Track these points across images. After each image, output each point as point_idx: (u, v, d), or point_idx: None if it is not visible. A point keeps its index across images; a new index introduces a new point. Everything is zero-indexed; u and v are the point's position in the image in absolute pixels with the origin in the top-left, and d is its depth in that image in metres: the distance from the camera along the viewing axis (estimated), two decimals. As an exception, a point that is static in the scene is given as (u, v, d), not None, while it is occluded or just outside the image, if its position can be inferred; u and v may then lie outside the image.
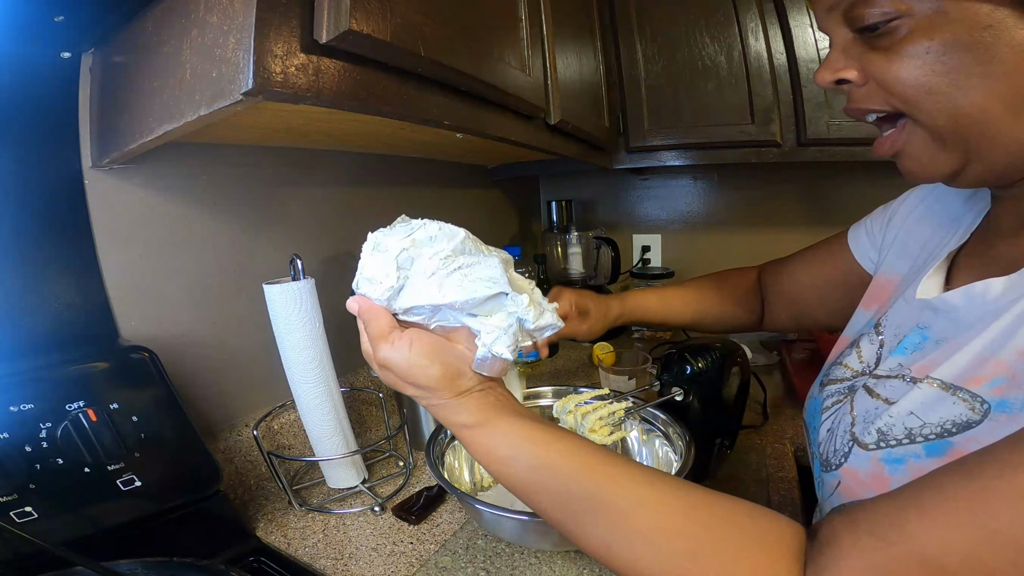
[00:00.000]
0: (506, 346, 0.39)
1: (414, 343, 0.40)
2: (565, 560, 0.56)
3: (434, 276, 0.39)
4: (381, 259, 0.40)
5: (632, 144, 1.13)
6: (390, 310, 0.41)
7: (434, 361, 0.40)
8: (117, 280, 0.60)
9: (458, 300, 0.38)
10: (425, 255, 0.39)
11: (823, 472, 0.44)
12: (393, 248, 0.39)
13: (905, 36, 0.32)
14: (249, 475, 0.71)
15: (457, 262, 0.39)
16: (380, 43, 0.41)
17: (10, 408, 0.46)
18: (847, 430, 0.41)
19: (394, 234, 0.40)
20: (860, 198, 1.34)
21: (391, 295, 0.40)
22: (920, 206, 0.51)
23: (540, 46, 0.73)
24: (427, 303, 0.39)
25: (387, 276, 0.39)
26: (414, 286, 0.39)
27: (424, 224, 0.41)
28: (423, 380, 0.40)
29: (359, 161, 0.92)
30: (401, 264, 0.39)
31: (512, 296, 0.39)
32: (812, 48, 0.99)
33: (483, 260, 0.40)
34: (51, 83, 0.54)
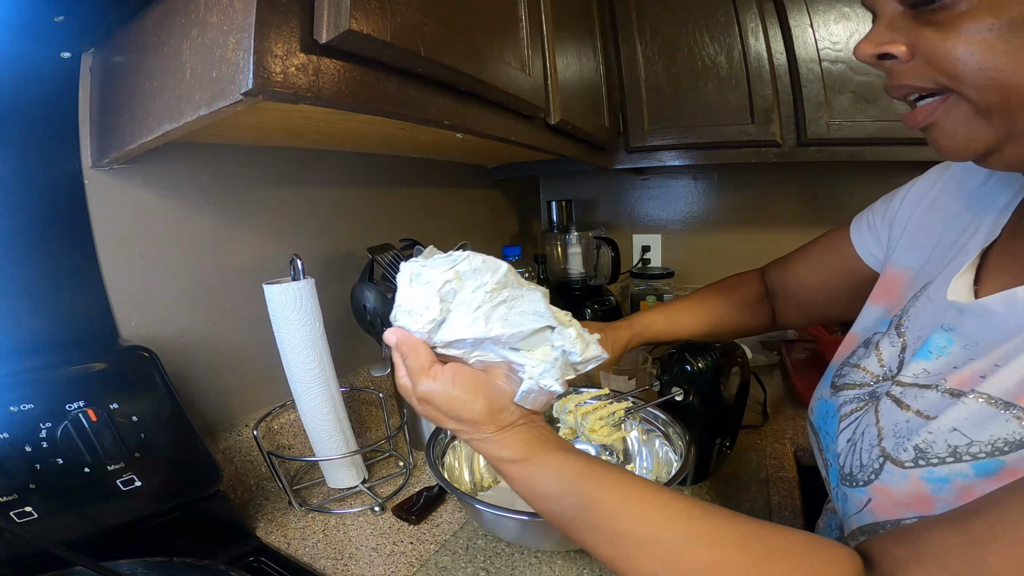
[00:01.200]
0: (555, 379, 0.39)
1: (456, 377, 0.39)
2: (565, 560, 0.56)
3: (479, 309, 0.39)
4: (423, 291, 0.39)
5: (632, 144, 1.13)
6: (429, 343, 0.41)
7: (477, 395, 0.39)
8: (117, 280, 0.60)
9: (504, 334, 0.39)
10: (468, 288, 0.39)
11: (845, 486, 0.42)
12: (436, 280, 0.39)
13: (966, 12, 0.31)
14: (249, 475, 0.71)
15: (501, 295, 0.39)
16: (380, 43, 0.41)
17: (10, 408, 0.46)
18: (874, 444, 0.39)
19: (435, 265, 0.40)
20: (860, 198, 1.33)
21: (432, 328, 0.39)
22: (927, 196, 0.49)
23: (540, 46, 0.73)
24: (471, 337, 0.39)
25: (428, 309, 0.39)
26: (457, 319, 0.39)
27: (468, 256, 0.40)
28: (466, 414, 0.39)
29: (359, 161, 0.92)
30: (444, 297, 0.39)
31: (559, 329, 0.40)
32: (812, 48, 0.99)
33: (526, 294, 0.40)
34: (51, 83, 0.54)
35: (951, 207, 0.46)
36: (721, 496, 0.67)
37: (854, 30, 0.98)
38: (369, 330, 0.77)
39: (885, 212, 0.54)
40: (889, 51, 0.35)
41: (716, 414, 0.66)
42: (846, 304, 0.60)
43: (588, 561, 0.56)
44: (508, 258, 1.17)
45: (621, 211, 1.58)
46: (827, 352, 1.04)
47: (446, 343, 0.40)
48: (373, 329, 0.76)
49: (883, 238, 0.54)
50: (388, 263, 0.79)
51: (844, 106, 0.99)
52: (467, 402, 0.39)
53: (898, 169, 1.27)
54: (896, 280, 0.49)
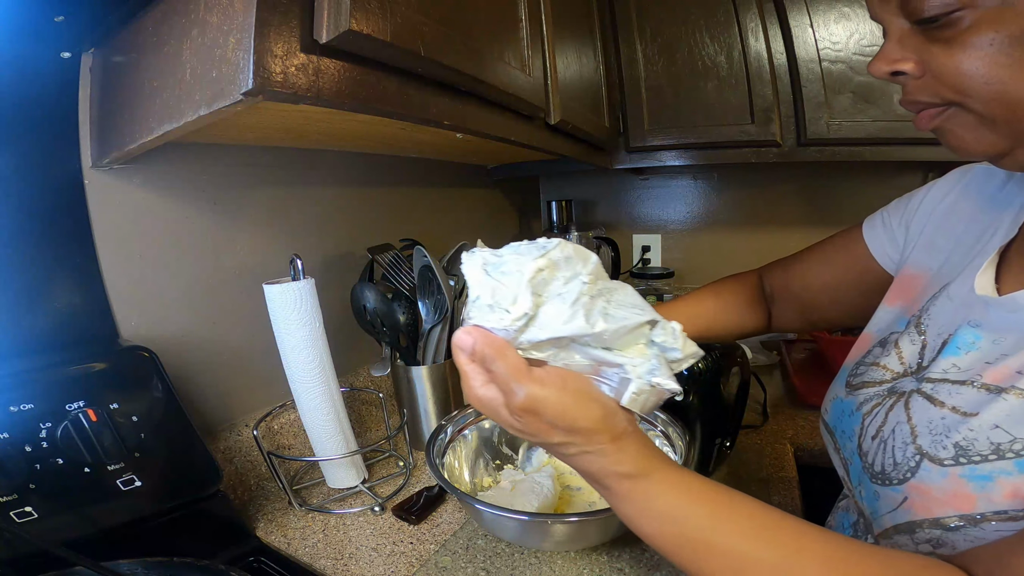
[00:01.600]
0: (668, 376, 0.34)
1: (567, 380, 0.35)
2: (565, 560, 0.56)
3: (578, 302, 0.34)
4: (508, 282, 0.34)
5: (632, 144, 1.13)
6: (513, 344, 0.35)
7: (592, 400, 0.35)
8: (117, 280, 0.60)
9: (608, 329, 0.34)
10: (561, 278, 0.35)
11: (877, 484, 0.41)
12: (526, 269, 0.34)
13: (968, 27, 0.32)
14: (249, 475, 0.71)
15: (598, 287, 0.35)
16: (380, 43, 0.41)
17: (10, 408, 0.46)
18: (908, 441, 0.39)
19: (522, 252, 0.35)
20: (860, 198, 1.34)
21: (520, 325, 0.34)
22: (946, 199, 0.49)
23: (540, 46, 0.73)
24: (570, 333, 0.33)
25: (518, 303, 0.33)
26: (550, 315, 0.34)
27: (559, 243, 0.35)
28: (582, 422, 0.34)
29: (359, 161, 0.92)
30: (536, 288, 0.34)
31: (662, 324, 0.36)
32: (812, 48, 0.99)
33: (618, 286, 0.36)
34: (51, 83, 0.54)
35: (970, 210, 0.46)
36: (721, 496, 0.67)
37: (854, 30, 0.98)
38: (369, 330, 0.77)
39: (903, 213, 0.53)
40: (900, 68, 0.36)
41: (716, 414, 0.66)
42: (849, 307, 0.60)
43: (588, 561, 0.56)
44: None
45: (621, 211, 1.58)
46: (827, 352, 1.04)
47: (534, 343, 0.34)
48: (373, 329, 0.77)
49: (899, 239, 0.53)
50: (388, 263, 0.79)
51: (844, 106, 0.99)
52: (584, 408, 0.34)
53: (898, 169, 1.28)
54: (913, 281, 0.49)
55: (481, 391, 0.36)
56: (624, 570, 0.55)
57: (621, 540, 0.59)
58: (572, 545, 0.57)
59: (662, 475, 0.35)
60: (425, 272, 0.76)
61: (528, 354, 0.35)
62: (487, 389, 0.36)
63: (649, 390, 0.35)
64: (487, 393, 0.36)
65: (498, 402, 0.35)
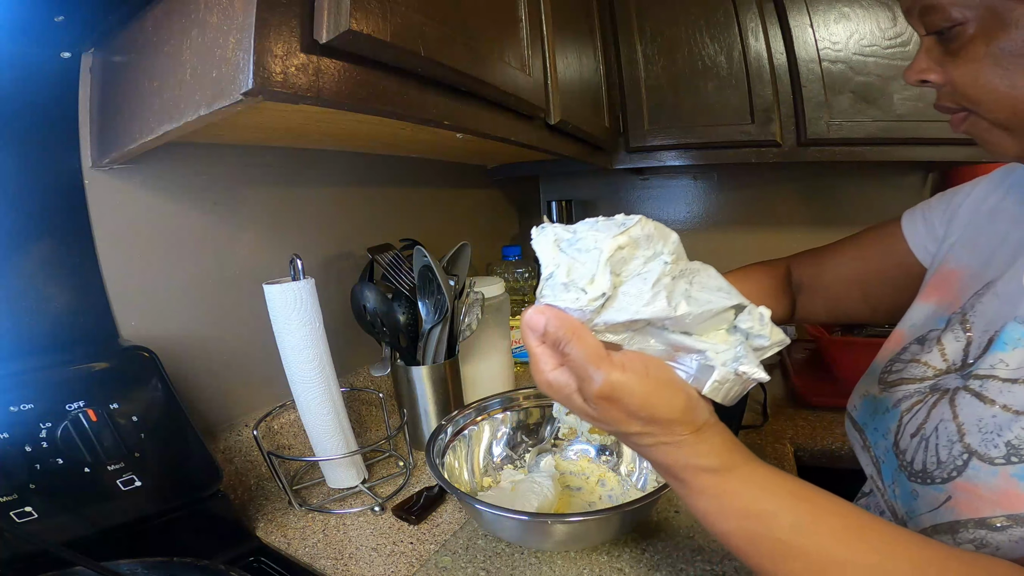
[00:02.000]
0: (755, 365, 0.32)
1: (649, 367, 0.33)
2: (565, 560, 0.56)
3: (659, 283, 0.32)
4: (587, 260, 0.33)
5: (632, 144, 1.13)
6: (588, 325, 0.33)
7: (676, 389, 0.33)
8: (117, 280, 0.60)
9: (691, 313, 0.32)
10: (641, 258, 0.33)
11: (915, 483, 0.40)
12: (605, 247, 0.32)
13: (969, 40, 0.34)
14: (249, 475, 0.71)
15: (679, 267, 0.33)
16: (380, 43, 0.41)
17: (10, 408, 0.46)
18: (954, 440, 0.38)
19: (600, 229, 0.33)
20: (860, 198, 1.34)
21: (597, 306, 0.32)
22: (991, 198, 0.49)
23: (540, 46, 0.73)
24: (650, 316, 0.32)
25: (596, 282, 0.32)
26: (630, 296, 0.32)
27: (639, 220, 0.33)
28: (663, 412, 0.32)
29: (359, 161, 0.92)
30: (614, 267, 0.32)
31: (750, 309, 0.34)
32: (812, 48, 0.99)
33: (701, 268, 0.35)
34: (51, 83, 0.54)
35: (1015, 208, 0.47)
36: (721, 496, 0.67)
37: (854, 30, 0.98)
38: (369, 330, 0.77)
39: (945, 209, 0.53)
40: (925, 78, 0.39)
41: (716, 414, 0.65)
42: (878, 302, 0.59)
43: (588, 561, 0.56)
44: (508, 258, 1.17)
45: (621, 211, 1.57)
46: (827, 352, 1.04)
47: (611, 325, 0.33)
48: (373, 329, 0.77)
49: (939, 233, 0.53)
50: (388, 263, 0.79)
51: (844, 106, 0.99)
52: (667, 397, 0.32)
53: (898, 169, 1.28)
54: (951, 277, 0.49)
55: (552, 375, 0.34)
56: (624, 570, 0.55)
57: (621, 540, 0.59)
58: (572, 545, 0.57)
59: (745, 471, 0.34)
60: (425, 272, 0.76)
61: (602, 337, 0.34)
62: (559, 373, 0.34)
63: (733, 379, 0.33)
64: (559, 378, 0.34)
65: (571, 388, 0.34)
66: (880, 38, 0.96)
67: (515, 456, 0.72)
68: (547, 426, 0.74)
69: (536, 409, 0.75)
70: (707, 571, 0.54)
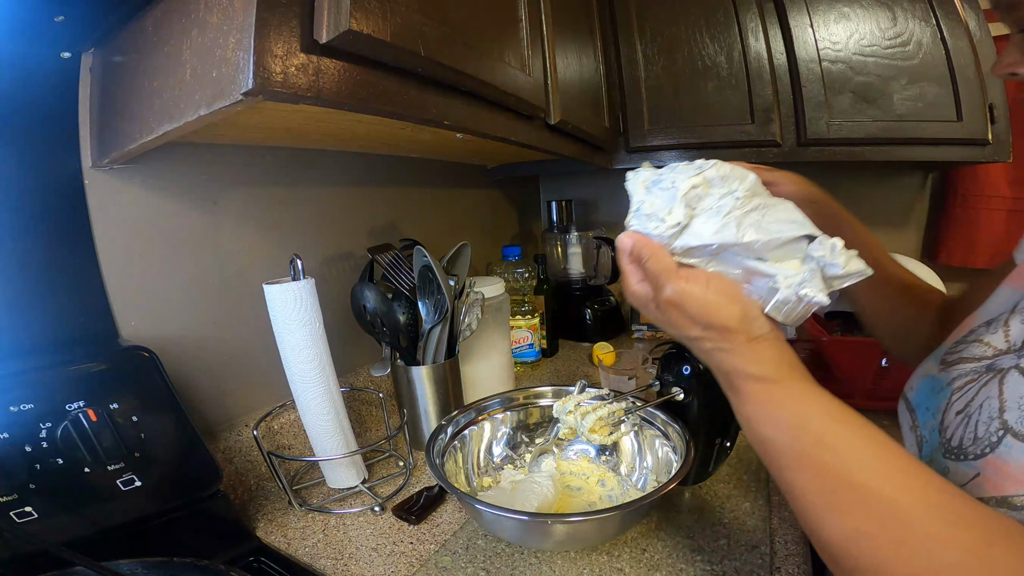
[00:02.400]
0: (818, 289, 0.36)
1: (711, 280, 0.38)
2: (565, 560, 0.56)
3: (729, 215, 0.37)
4: (665, 195, 0.39)
5: (632, 144, 1.13)
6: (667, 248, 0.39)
7: (733, 300, 0.37)
8: (117, 280, 0.60)
9: (758, 241, 0.37)
10: (715, 195, 0.38)
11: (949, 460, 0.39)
12: (682, 185, 0.38)
13: None
14: (249, 475, 0.71)
15: (753, 203, 0.38)
16: (380, 43, 0.41)
17: (10, 408, 0.46)
18: (994, 416, 0.37)
19: (679, 172, 0.39)
20: (860, 198, 1.34)
21: (674, 233, 0.38)
22: None
23: (540, 46, 0.73)
24: (718, 242, 0.37)
25: (672, 213, 0.38)
26: (702, 225, 0.38)
27: (714, 164, 0.39)
28: (720, 319, 0.37)
29: (359, 161, 0.92)
30: (689, 202, 0.38)
31: (821, 239, 0.37)
32: (812, 48, 0.99)
33: (778, 203, 0.39)
34: (51, 83, 0.54)
35: None
36: (721, 496, 0.67)
37: (854, 30, 0.98)
38: (369, 330, 0.77)
39: None
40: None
41: (716, 414, 0.65)
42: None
43: (588, 561, 0.56)
44: (508, 258, 1.17)
45: (621, 211, 1.56)
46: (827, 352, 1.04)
47: (687, 249, 0.39)
48: (373, 329, 0.77)
49: None
50: (388, 263, 0.79)
51: (844, 106, 0.99)
52: (723, 306, 0.37)
53: (898, 169, 1.28)
54: None
55: (636, 287, 0.41)
56: (624, 570, 0.55)
57: (621, 540, 0.59)
58: (572, 545, 0.57)
59: (790, 384, 0.36)
60: (425, 272, 0.76)
61: (683, 260, 0.39)
62: (641, 286, 0.40)
63: (795, 300, 0.37)
64: (641, 289, 0.41)
65: (648, 296, 0.40)
66: (880, 38, 0.96)
67: (515, 456, 0.72)
68: (547, 426, 0.74)
69: (536, 409, 0.75)
70: (707, 571, 0.54)
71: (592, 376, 1.11)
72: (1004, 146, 0.96)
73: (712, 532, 0.60)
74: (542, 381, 1.11)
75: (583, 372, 1.15)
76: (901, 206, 1.30)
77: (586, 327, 1.35)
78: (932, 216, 1.28)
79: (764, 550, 0.56)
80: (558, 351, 1.29)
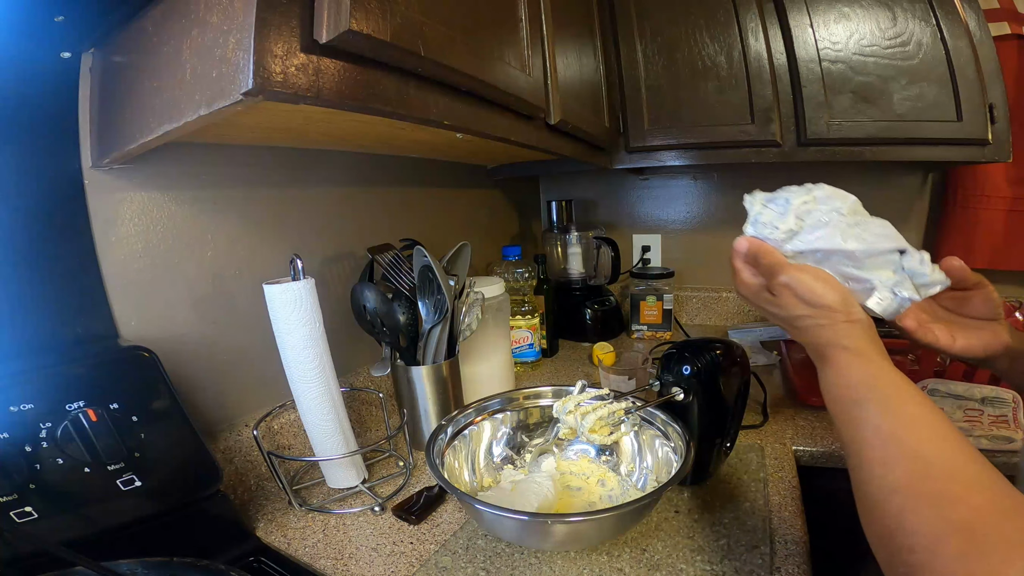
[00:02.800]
0: (911, 290, 0.44)
1: (817, 272, 0.45)
2: (565, 560, 0.56)
3: (835, 226, 0.45)
4: (779, 209, 0.47)
5: (632, 144, 1.13)
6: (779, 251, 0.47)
7: (835, 288, 0.44)
8: (117, 280, 0.60)
9: (858, 249, 0.44)
10: (823, 209, 0.46)
11: None
12: (795, 200, 0.46)
13: None
14: (249, 475, 0.71)
15: (855, 218, 0.45)
16: (380, 43, 0.41)
17: (10, 408, 0.46)
18: None
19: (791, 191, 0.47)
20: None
21: (786, 238, 0.46)
22: None
23: (540, 46, 0.73)
24: (824, 248, 0.45)
25: (786, 222, 0.46)
26: (811, 233, 0.46)
27: (820, 185, 0.47)
28: (826, 300, 0.43)
29: (359, 161, 0.92)
30: (800, 214, 0.46)
31: (911, 251, 0.44)
32: (812, 48, 0.99)
33: (876, 220, 0.46)
34: (51, 83, 0.54)
35: None
36: (721, 496, 0.67)
37: (854, 30, 0.98)
38: (369, 330, 0.77)
39: None
40: None
41: (716, 414, 0.66)
42: None
43: (588, 561, 0.56)
44: (508, 258, 1.17)
45: (621, 211, 1.58)
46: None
47: (796, 252, 0.46)
48: (373, 329, 0.77)
49: None
50: (388, 263, 0.79)
51: (844, 106, 0.99)
52: (827, 291, 0.43)
53: (898, 169, 1.28)
54: None
55: (751, 279, 0.48)
56: (624, 570, 0.55)
57: (621, 540, 0.59)
58: (572, 545, 0.57)
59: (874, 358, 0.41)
60: (425, 272, 0.76)
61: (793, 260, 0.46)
62: (755, 278, 0.48)
63: (891, 297, 0.44)
64: (754, 280, 0.48)
65: (760, 285, 0.48)
66: (880, 38, 0.96)
67: (515, 456, 0.72)
68: (547, 426, 0.74)
69: (536, 409, 0.75)
70: (707, 571, 0.54)
71: (592, 376, 1.11)
72: (1004, 146, 0.96)
73: (712, 532, 0.60)
74: (542, 381, 1.11)
75: (583, 372, 1.15)
76: (901, 206, 1.30)
77: (586, 327, 1.35)
78: (932, 216, 1.28)
79: (764, 550, 0.56)
80: (558, 351, 1.29)
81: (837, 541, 0.79)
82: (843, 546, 0.81)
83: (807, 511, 0.65)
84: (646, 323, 1.36)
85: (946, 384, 0.82)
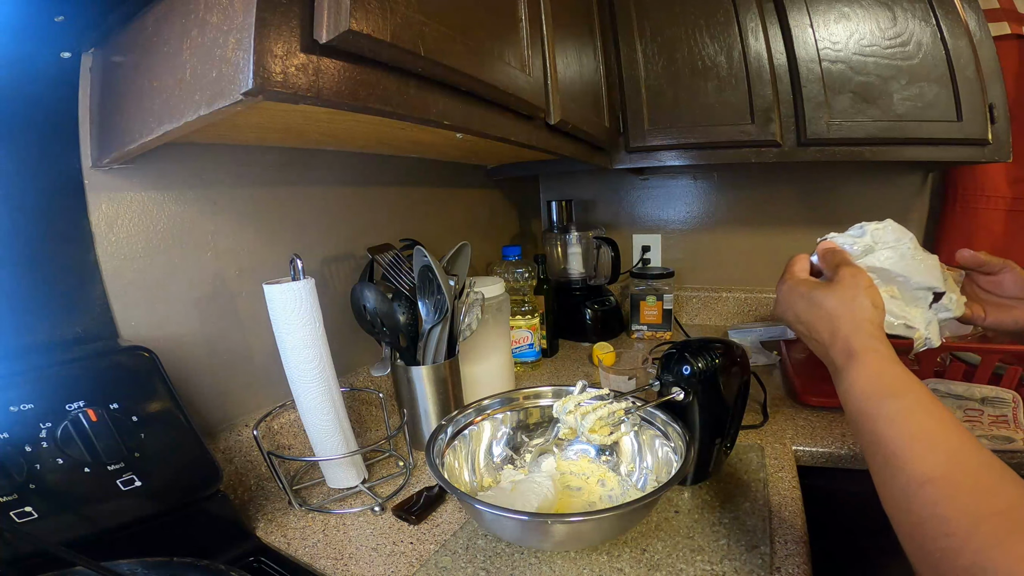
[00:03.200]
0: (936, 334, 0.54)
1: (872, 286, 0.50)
2: (565, 560, 0.56)
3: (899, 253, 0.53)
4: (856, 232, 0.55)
5: (632, 144, 1.13)
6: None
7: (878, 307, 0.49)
8: (117, 280, 0.60)
9: (911, 278, 0.52)
10: (892, 239, 0.54)
11: None
12: (869, 228, 0.55)
13: None
14: (249, 475, 0.71)
15: (917, 252, 0.53)
16: (380, 43, 0.41)
17: (10, 408, 0.46)
18: None
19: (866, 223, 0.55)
20: (860, 198, 1.35)
21: (860, 252, 0.54)
22: None
23: (540, 46, 0.73)
24: (885, 267, 0.53)
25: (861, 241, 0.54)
26: (881, 253, 0.54)
27: (888, 221, 0.55)
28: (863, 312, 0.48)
29: (359, 161, 0.92)
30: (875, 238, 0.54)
31: (948, 295, 0.54)
32: (812, 48, 0.99)
33: (929, 258, 0.54)
34: (51, 83, 0.54)
35: None
36: (721, 496, 0.67)
37: (854, 30, 0.98)
38: (369, 330, 0.77)
39: None
40: None
41: (716, 414, 0.66)
42: None
43: (588, 561, 0.56)
44: (508, 258, 1.17)
45: (621, 211, 1.59)
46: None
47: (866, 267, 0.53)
48: (373, 329, 0.77)
49: None
50: (388, 263, 0.79)
51: (844, 106, 0.99)
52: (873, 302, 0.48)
53: (898, 169, 1.28)
54: None
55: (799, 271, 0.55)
56: (624, 570, 0.55)
57: (621, 540, 0.59)
58: (572, 545, 0.57)
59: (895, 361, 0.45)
60: (425, 272, 0.76)
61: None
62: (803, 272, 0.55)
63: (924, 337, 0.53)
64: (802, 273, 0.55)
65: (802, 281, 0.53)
66: (880, 38, 0.96)
67: (515, 456, 0.72)
68: (547, 426, 0.74)
69: (536, 409, 0.75)
70: (707, 571, 0.54)
71: (592, 376, 1.11)
72: (1004, 146, 0.96)
73: (712, 532, 0.60)
74: (542, 381, 1.11)
75: (583, 372, 1.15)
76: (901, 206, 1.30)
77: (586, 327, 1.35)
78: (932, 216, 1.28)
79: (764, 550, 0.56)
80: (558, 351, 1.30)
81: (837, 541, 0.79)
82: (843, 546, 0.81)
83: (807, 511, 0.65)
84: (646, 323, 1.36)
85: (946, 384, 0.82)
